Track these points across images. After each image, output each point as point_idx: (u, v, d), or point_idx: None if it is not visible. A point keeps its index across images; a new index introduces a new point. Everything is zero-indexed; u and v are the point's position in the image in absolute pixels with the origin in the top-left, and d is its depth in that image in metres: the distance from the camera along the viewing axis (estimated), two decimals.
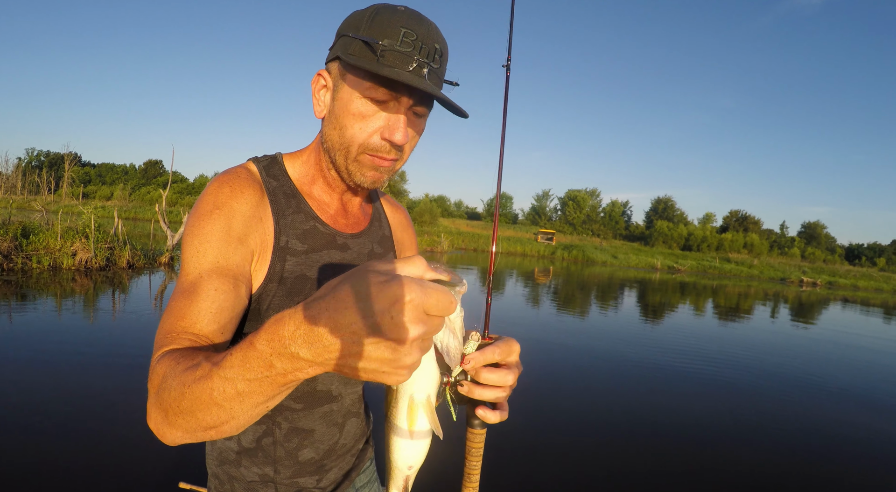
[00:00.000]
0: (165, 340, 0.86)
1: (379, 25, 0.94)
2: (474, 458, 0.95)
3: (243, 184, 1.03)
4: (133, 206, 45.81)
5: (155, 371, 0.77)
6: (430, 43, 0.96)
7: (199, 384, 0.66)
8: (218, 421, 0.67)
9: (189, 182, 72.30)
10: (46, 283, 10.14)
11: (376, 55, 0.93)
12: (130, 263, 13.18)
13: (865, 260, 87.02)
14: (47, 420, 4.19)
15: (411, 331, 0.53)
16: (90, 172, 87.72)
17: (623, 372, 7.31)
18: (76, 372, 5.28)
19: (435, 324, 0.56)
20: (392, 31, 0.94)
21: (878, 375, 9.02)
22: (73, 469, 3.53)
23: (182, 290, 0.92)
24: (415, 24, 0.95)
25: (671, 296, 21.13)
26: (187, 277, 0.93)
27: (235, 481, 1.16)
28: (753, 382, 7.50)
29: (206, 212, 0.97)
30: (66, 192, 45.59)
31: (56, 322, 7.20)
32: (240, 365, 0.62)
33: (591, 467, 4.27)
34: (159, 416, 0.73)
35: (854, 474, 4.64)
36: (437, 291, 0.54)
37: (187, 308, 0.89)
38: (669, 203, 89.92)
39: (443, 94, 0.98)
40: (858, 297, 33.38)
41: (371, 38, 0.94)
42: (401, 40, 0.93)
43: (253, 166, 1.10)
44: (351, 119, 1.00)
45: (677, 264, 45.33)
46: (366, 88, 0.97)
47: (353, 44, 0.96)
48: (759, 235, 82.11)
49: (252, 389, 0.62)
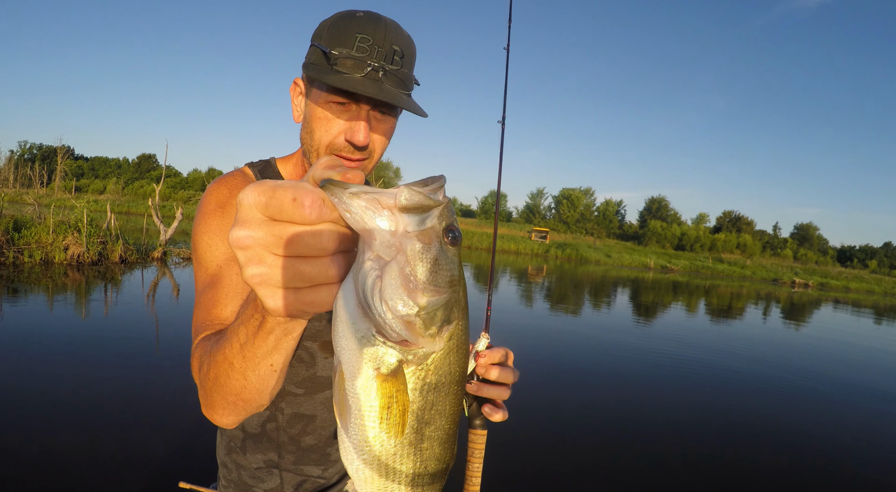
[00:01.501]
0: (201, 329, 0.93)
1: (336, 33, 1.01)
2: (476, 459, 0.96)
3: (240, 186, 1.12)
4: (126, 200, 45.53)
5: (194, 359, 0.85)
6: (386, 45, 1.01)
7: (217, 348, 0.72)
8: (238, 386, 0.70)
9: (183, 177, 71.91)
10: (38, 277, 10.07)
11: (330, 64, 1.00)
12: (123, 258, 13.10)
13: (857, 262, 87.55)
14: (44, 419, 4.16)
15: (232, 232, 0.46)
16: (83, 165, 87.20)
17: (617, 370, 7.33)
18: (69, 369, 5.24)
19: (275, 231, 0.44)
20: (347, 38, 1.00)
21: (871, 373, 9.08)
22: (74, 469, 3.51)
23: (205, 283, 1.02)
24: (370, 30, 1.00)
25: (664, 295, 21.20)
26: (207, 271, 1.03)
27: (242, 469, 1.24)
28: (748, 381, 7.55)
29: (210, 211, 1.07)
30: (58, 185, 45.27)
31: (48, 317, 7.15)
32: (240, 317, 0.65)
33: (585, 464, 4.28)
34: (204, 398, 0.79)
35: (852, 471, 4.67)
36: (277, 188, 0.43)
37: (214, 297, 0.96)
38: (663, 203, 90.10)
39: (402, 96, 1.05)
40: (850, 298, 33.59)
41: (324, 47, 1.01)
42: (356, 46, 0.99)
43: (248, 171, 1.21)
44: (317, 123, 1.07)
45: (670, 264, 45.48)
46: (327, 94, 1.04)
47: (315, 53, 1.04)
48: (752, 235, 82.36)
49: (250, 339, 0.63)
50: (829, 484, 4.46)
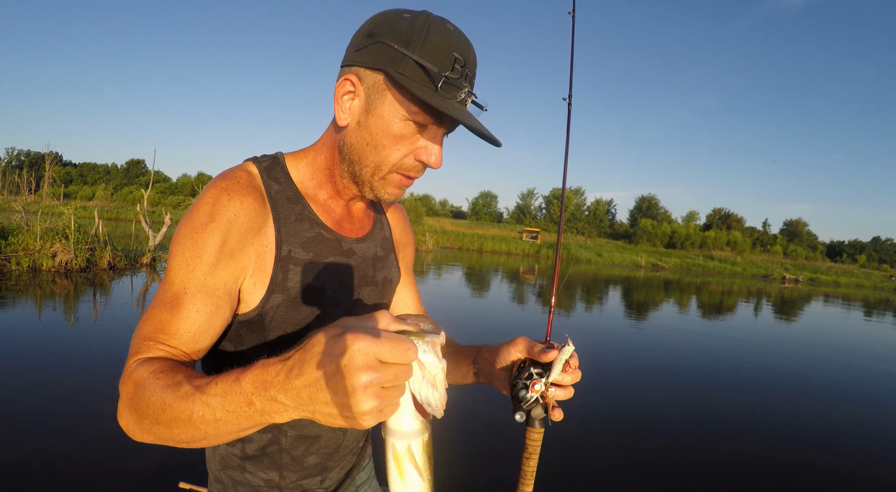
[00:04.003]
0: (142, 346, 0.87)
1: (433, 47, 0.90)
2: (532, 457, 0.99)
3: (243, 191, 0.98)
4: (115, 206, 45.24)
5: (131, 377, 0.81)
6: (472, 69, 0.95)
7: (181, 403, 0.72)
8: (191, 438, 0.74)
9: (172, 182, 71.63)
10: (26, 285, 9.98)
11: (434, 85, 0.90)
12: (111, 265, 13.01)
13: (846, 257, 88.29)
14: (38, 425, 4.12)
15: (359, 378, 0.58)
16: (71, 171, 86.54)
17: (610, 370, 7.34)
18: (59, 374, 5.20)
19: (391, 372, 0.60)
20: (445, 55, 0.91)
21: (863, 370, 9.14)
22: (72, 472, 3.49)
23: (165, 300, 0.91)
24: (464, 49, 0.93)
25: (655, 293, 21.27)
26: (172, 288, 0.91)
27: (240, 485, 1.16)
28: (741, 380, 7.58)
29: (200, 224, 0.93)
30: (46, 192, 45.00)
31: (36, 324, 7.09)
32: (222, 396, 0.68)
33: (585, 463, 4.28)
34: (132, 419, 0.79)
35: (850, 469, 4.69)
36: (390, 341, 0.59)
37: (168, 322, 0.89)
38: (653, 201, 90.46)
39: (482, 126, 0.96)
40: (840, 293, 33.84)
41: (432, 67, 0.90)
42: (453, 67, 0.91)
43: (253, 168, 1.05)
44: (390, 139, 0.96)
45: (661, 262, 45.61)
46: (412, 112, 0.94)
47: (407, 63, 0.91)
48: (742, 232, 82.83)
49: (230, 419, 0.68)
50: (839, 479, 4.48)
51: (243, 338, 1.03)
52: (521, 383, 0.96)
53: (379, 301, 1.22)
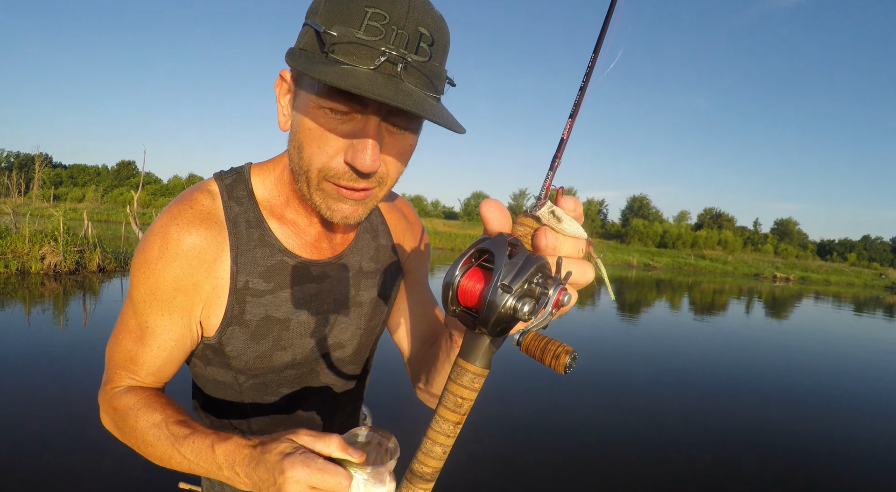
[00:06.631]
0: (115, 375, 0.97)
1: (337, 5, 0.70)
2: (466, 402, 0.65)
3: (193, 221, 0.88)
4: (105, 208, 44.86)
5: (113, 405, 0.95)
6: (410, 26, 0.70)
7: (160, 445, 0.87)
8: (165, 465, 0.90)
9: (163, 183, 71.20)
10: (14, 288, 9.89)
11: (324, 50, 0.70)
12: (101, 267, 12.90)
13: (837, 255, 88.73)
14: (33, 429, 4.08)
15: None
16: (61, 173, 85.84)
17: (606, 371, 7.33)
18: (51, 378, 5.15)
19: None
20: (352, 12, 0.69)
21: (859, 368, 9.18)
22: (71, 473, 3.48)
23: (130, 328, 0.95)
24: (387, 2, 0.69)
25: (647, 292, 21.32)
26: (136, 317, 0.93)
27: (227, 488, 1.16)
28: (735, 379, 7.60)
29: (152, 258, 0.88)
30: (36, 194, 44.56)
31: (25, 328, 7.02)
32: (196, 455, 0.82)
33: (565, 472, 4.27)
34: (118, 435, 0.97)
35: (848, 469, 4.70)
36: (322, 473, 0.68)
37: (135, 353, 0.95)
38: (645, 201, 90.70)
39: (428, 101, 0.73)
40: (830, 291, 34.03)
41: (319, 26, 0.70)
42: (364, 25, 0.68)
43: (215, 187, 0.93)
44: (307, 136, 0.78)
45: (653, 262, 45.74)
46: (322, 96, 0.73)
47: (307, 34, 0.74)
48: (733, 232, 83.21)
49: (199, 471, 0.84)
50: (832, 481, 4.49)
51: (210, 358, 1.01)
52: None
53: (365, 323, 1.11)
